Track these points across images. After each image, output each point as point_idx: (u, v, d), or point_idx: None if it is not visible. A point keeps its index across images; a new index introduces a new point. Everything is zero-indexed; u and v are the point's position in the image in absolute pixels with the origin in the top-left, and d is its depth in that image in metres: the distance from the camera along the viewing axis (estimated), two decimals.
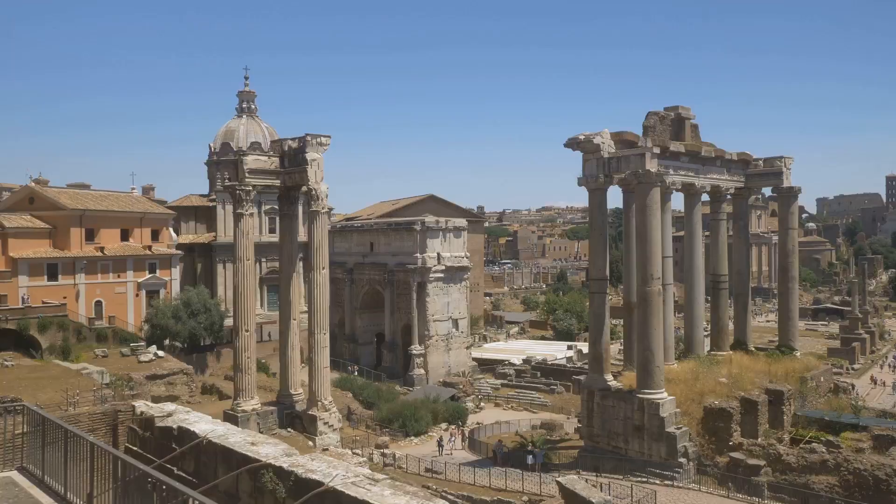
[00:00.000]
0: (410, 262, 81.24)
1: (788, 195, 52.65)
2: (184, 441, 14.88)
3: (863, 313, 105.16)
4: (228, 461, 13.57)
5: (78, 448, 10.46)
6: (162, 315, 73.71)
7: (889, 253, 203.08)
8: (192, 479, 14.67)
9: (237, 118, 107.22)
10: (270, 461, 12.63)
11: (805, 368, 49.78)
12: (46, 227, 74.16)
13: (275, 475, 12.32)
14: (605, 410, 42.57)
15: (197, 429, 14.88)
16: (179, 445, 15.02)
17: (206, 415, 16.00)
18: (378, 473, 12.09)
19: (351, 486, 11.36)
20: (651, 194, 40.64)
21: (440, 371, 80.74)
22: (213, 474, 14.11)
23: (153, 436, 15.85)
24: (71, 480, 10.79)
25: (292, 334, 45.30)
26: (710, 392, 42.62)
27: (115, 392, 48.29)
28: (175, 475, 15.18)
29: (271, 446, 13.66)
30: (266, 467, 12.54)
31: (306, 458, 12.78)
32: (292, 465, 12.37)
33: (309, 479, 11.68)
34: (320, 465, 12.39)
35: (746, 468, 38.47)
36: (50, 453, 11.35)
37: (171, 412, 16.16)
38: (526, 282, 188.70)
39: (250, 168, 43.49)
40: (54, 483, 11.11)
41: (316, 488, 11.46)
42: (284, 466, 12.30)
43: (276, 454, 13.05)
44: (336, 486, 11.32)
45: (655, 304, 40.65)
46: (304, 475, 11.88)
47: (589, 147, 42.78)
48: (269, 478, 12.32)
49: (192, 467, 14.71)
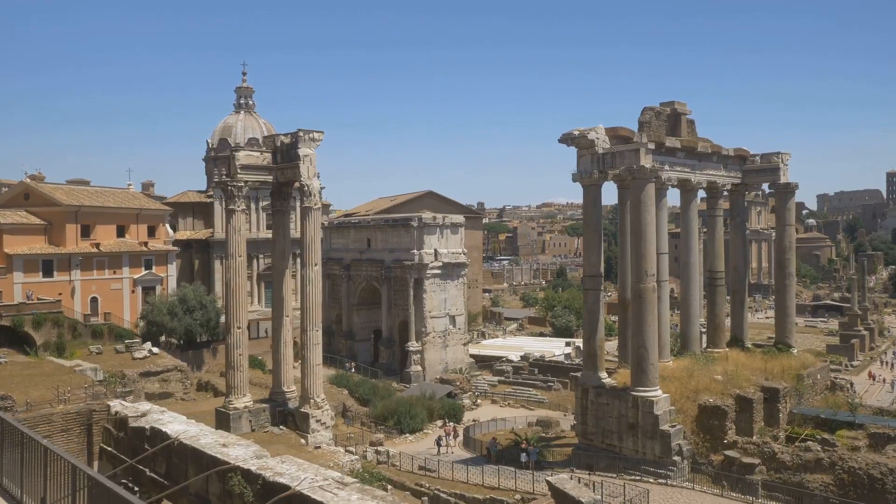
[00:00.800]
0: (407, 259, 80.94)
1: (785, 191, 52.25)
2: (156, 442, 14.61)
3: (862, 310, 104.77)
4: (199, 463, 13.29)
5: (34, 452, 10.18)
6: (158, 311, 73.48)
7: (889, 249, 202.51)
8: (163, 481, 14.40)
9: (235, 114, 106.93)
10: (239, 464, 12.34)
11: (801, 366, 49.43)
12: (42, 224, 73.88)
13: (243, 478, 12.04)
14: (600, 408, 42.27)
15: (169, 429, 14.61)
16: (152, 446, 14.75)
17: (181, 415, 15.72)
18: (348, 477, 11.80)
19: (318, 490, 11.06)
20: (645, 190, 40.27)
21: (437, 368, 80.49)
22: (184, 476, 13.83)
23: (127, 436, 15.58)
24: (28, 484, 10.53)
25: (285, 331, 45.04)
26: (705, 389, 42.29)
27: (107, 389, 48.01)
28: (147, 477, 14.93)
29: (242, 448, 13.37)
30: (234, 470, 12.25)
31: (276, 461, 12.49)
32: (261, 467, 12.09)
33: (276, 483, 11.40)
34: (290, 467, 12.10)
35: (741, 466, 38.19)
36: (9, 456, 11.08)
37: (146, 412, 15.89)
38: (525, 278, 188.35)
39: (242, 164, 43.17)
40: (12, 486, 10.85)
41: (282, 492, 11.18)
42: (253, 469, 12.03)
43: (247, 456, 12.77)
44: (303, 490, 11.03)
45: (650, 300, 40.31)
46: (272, 478, 11.60)
47: (583, 143, 42.39)
48: (237, 481, 12.04)
49: (164, 469, 14.43)
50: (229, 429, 42.18)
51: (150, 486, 14.80)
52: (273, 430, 43.04)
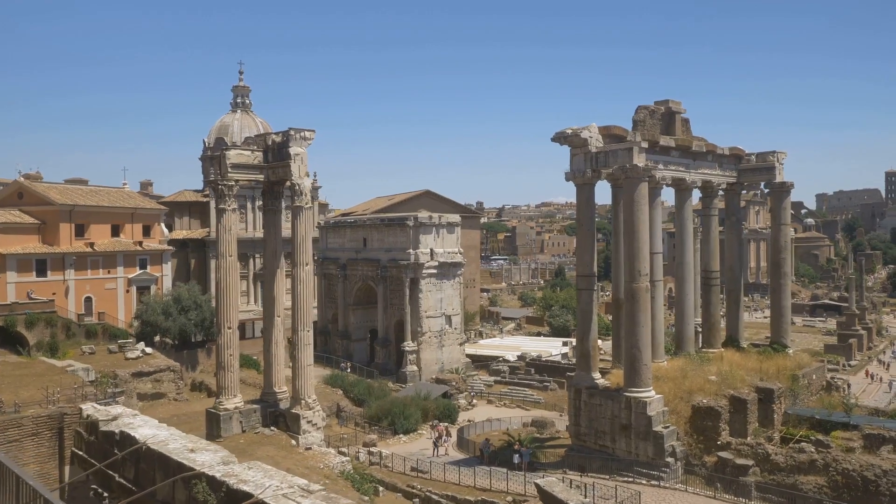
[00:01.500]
0: (403, 258, 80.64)
1: (781, 190, 51.91)
2: (125, 446, 14.29)
3: (860, 309, 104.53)
4: (166, 468, 12.97)
5: None
6: (152, 311, 73.21)
7: (888, 249, 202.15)
8: (131, 487, 14.07)
9: (231, 113, 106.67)
10: (204, 470, 12.02)
11: (797, 366, 49.13)
12: (35, 223, 73.61)
13: (207, 485, 11.72)
14: (593, 409, 41.96)
15: (138, 434, 14.29)
16: (121, 451, 14.43)
17: (152, 419, 15.42)
18: (314, 485, 11.49)
19: (282, 498, 10.75)
20: (639, 189, 39.95)
21: (433, 368, 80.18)
22: (151, 481, 13.51)
23: (97, 440, 15.28)
24: None
25: (276, 331, 44.61)
26: (699, 390, 41.98)
27: (97, 390, 47.67)
28: (116, 482, 14.58)
29: (210, 453, 13.05)
30: (199, 476, 11.93)
31: (242, 467, 12.17)
32: (226, 474, 11.77)
33: (239, 491, 11.08)
34: (255, 474, 11.78)
35: (734, 468, 37.88)
36: None
37: (117, 415, 15.57)
38: (524, 277, 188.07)
39: (233, 163, 42.76)
40: None
41: (245, 500, 10.87)
42: (217, 476, 11.70)
43: (213, 462, 12.44)
44: (266, 498, 10.71)
45: (643, 300, 39.99)
46: (236, 486, 11.28)
47: (576, 141, 42.06)
48: (201, 488, 11.72)
49: (133, 474, 14.11)
50: (220, 430, 41.87)
51: (119, 492, 14.48)
52: (264, 431, 42.67)
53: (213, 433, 42.16)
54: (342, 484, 36.10)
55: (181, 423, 54.83)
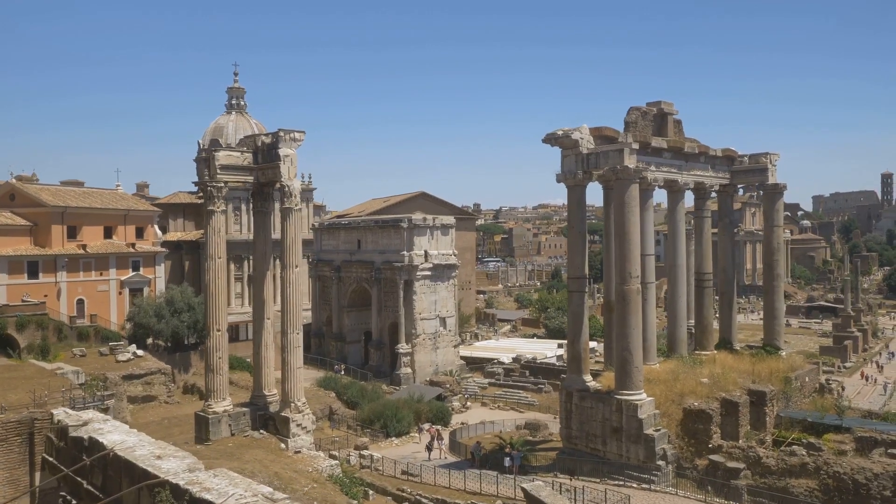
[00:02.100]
0: (397, 260, 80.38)
1: (773, 192, 51.73)
2: (93, 452, 14.03)
3: (855, 311, 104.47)
4: (132, 475, 12.71)
5: None
6: (144, 313, 72.89)
7: (884, 251, 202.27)
8: (98, 494, 13.81)
9: (226, 114, 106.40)
10: (169, 478, 11.76)
11: (790, 368, 48.90)
12: (27, 225, 73.28)
13: (171, 493, 11.47)
14: (584, 412, 41.72)
15: (106, 440, 14.03)
16: (89, 457, 14.17)
17: (123, 424, 15.16)
18: (279, 493, 11.24)
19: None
20: (629, 191, 39.74)
21: (427, 370, 79.91)
22: (118, 488, 13.25)
23: (67, 445, 15.01)
24: None
25: (266, 333, 44.34)
26: (691, 393, 41.74)
27: (87, 393, 47.41)
28: (84, 489, 14.31)
29: (177, 460, 12.79)
30: (163, 484, 11.68)
31: (208, 475, 11.91)
32: (190, 482, 11.51)
33: (202, 499, 10.83)
34: (220, 482, 11.52)
35: (726, 471, 37.66)
36: None
37: (87, 421, 15.30)
38: (520, 279, 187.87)
39: (222, 164, 42.54)
40: None
41: None
42: (181, 484, 11.45)
43: (178, 469, 12.18)
44: None
45: (634, 302, 39.78)
46: (199, 494, 11.02)
47: (567, 143, 41.85)
48: (165, 496, 11.47)
49: (101, 481, 13.86)
50: (209, 433, 41.59)
51: (87, 499, 14.22)
52: (253, 435, 42.39)
53: (201, 436, 41.88)
54: (330, 487, 35.81)
55: (171, 426, 54.87)
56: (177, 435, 51.47)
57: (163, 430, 53.72)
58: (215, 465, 35.05)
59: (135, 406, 56.68)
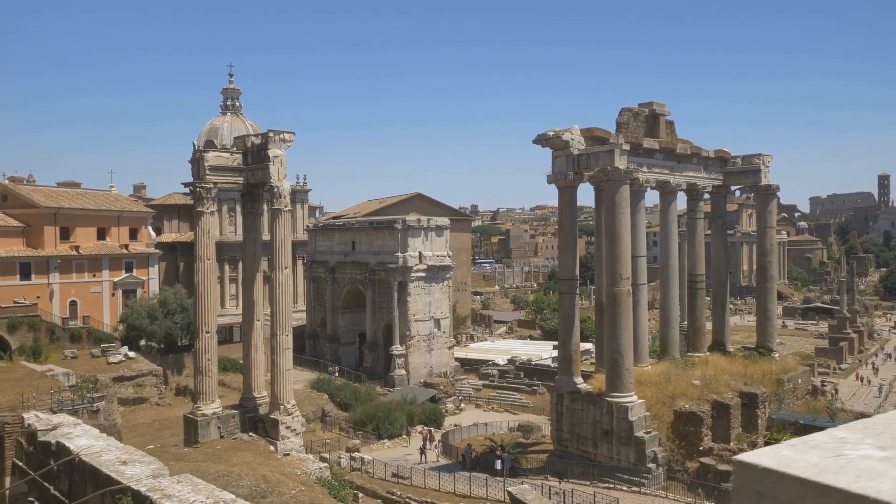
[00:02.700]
0: (391, 262, 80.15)
1: (766, 193, 51.60)
2: (60, 457, 13.82)
3: (851, 313, 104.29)
4: (96, 481, 12.49)
5: None
6: (137, 315, 72.64)
7: (880, 252, 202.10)
8: (64, 500, 13.60)
9: (221, 115, 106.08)
10: (131, 484, 11.55)
11: (783, 370, 48.76)
12: (19, 226, 73.00)
13: (133, 499, 11.25)
14: (574, 414, 41.51)
15: (73, 445, 13.81)
16: (57, 461, 13.97)
17: (94, 428, 14.93)
18: (241, 500, 11.03)
19: None
20: (620, 192, 39.58)
21: (422, 372, 79.65)
22: (83, 494, 13.05)
23: (35, 450, 14.80)
24: None
25: (256, 335, 44.14)
26: (682, 395, 41.58)
27: (76, 395, 47.15)
28: (51, 494, 14.10)
29: (142, 466, 12.58)
30: (124, 490, 11.47)
31: (171, 481, 11.70)
32: (151, 488, 11.30)
33: None
34: (183, 488, 11.31)
35: (716, 474, 37.46)
36: None
37: (57, 425, 15.09)
38: (517, 281, 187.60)
39: (211, 165, 42.34)
40: None
41: None
42: (142, 490, 11.23)
43: (142, 475, 11.97)
44: None
45: (624, 304, 39.59)
46: (159, 501, 10.80)
47: (558, 143, 41.68)
48: (126, 502, 11.26)
49: (67, 486, 13.66)
50: (197, 436, 41.36)
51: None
52: (242, 437, 42.16)
53: (190, 439, 41.67)
54: (318, 490, 35.57)
55: (162, 429, 54.62)
56: (167, 437, 51.24)
57: (153, 432, 53.49)
58: (202, 468, 34.98)
59: (126, 408, 56.41)
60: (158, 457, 38.74)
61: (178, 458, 37.22)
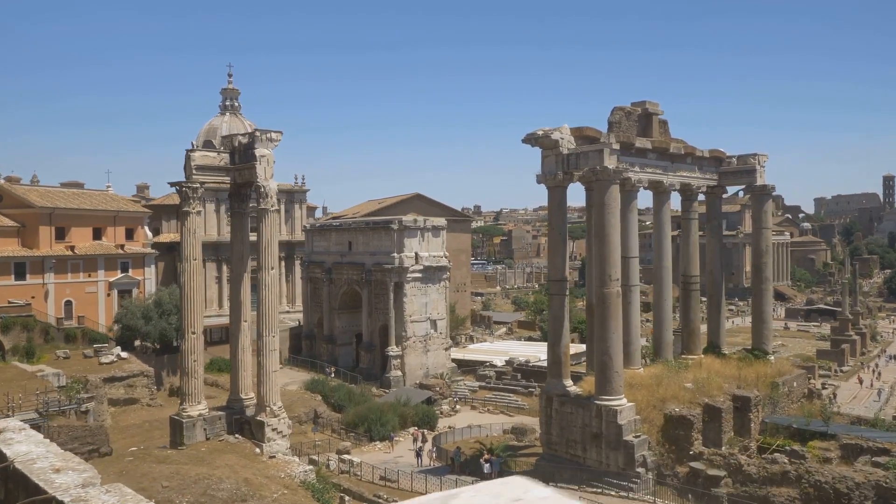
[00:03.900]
0: (388, 262, 79.72)
1: (762, 194, 50.92)
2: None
3: (854, 314, 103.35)
4: (28, 490, 12.07)
5: None
6: (132, 315, 72.41)
7: (885, 253, 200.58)
8: None
9: (220, 116, 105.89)
10: (57, 493, 11.09)
11: (777, 373, 48.05)
12: (15, 226, 72.91)
13: None
14: (564, 417, 40.95)
15: (11, 451, 13.37)
16: None
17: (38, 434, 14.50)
18: None
19: None
20: (610, 192, 39.01)
21: (418, 373, 79.19)
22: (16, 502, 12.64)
23: None
24: None
25: (244, 336, 43.78)
26: (673, 398, 40.94)
27: (64, 395, 46.85)
28: None
29: (75, 474, 12.09)
30: (49, 501, 11.03)
31: (100, 491, 11.22)
32: (76, 498, 10.80)
33: None
34: (110, 499, 10.82)
35: (706, 479, 36.82)
36: None
37: (2, 430, 14.69)
38: (519, 281, 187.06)
39: (198, 164, 41.98)
40: None
41: None
42: (66, 501, 10.77)
43: (70, 485, 11.49)
44: None
45: (614, 306, 39.01)
46: None
47: (547, 143, 41.16)
48: None
49: (3, 494, 13.25)
50: (183, 437, 41.01)
51: None
52: (228, 439, 41.77)
53: (176, 441, 41.31)
54: (302, 494, 35.15)
55: (152, 430, 54.23)
56: (157, 438, 50.86)
57: (143, 433, 53.15)
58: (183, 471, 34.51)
59: (116, 409, 56.13)
60: (140, 459, 38.36)
61: (161, 460, 36.86)
